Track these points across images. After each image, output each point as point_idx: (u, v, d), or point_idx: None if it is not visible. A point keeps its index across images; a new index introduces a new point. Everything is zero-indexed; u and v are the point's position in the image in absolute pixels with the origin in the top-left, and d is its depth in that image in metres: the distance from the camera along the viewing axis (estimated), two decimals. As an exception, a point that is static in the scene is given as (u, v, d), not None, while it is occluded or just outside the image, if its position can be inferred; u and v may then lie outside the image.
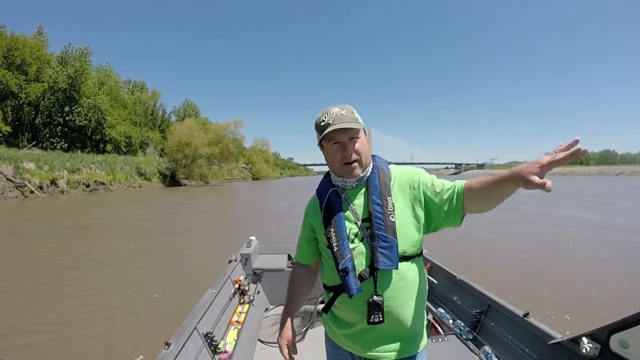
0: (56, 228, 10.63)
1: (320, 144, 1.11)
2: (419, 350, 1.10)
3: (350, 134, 1.04)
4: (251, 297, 2.98)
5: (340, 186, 1.12)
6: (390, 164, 1.18)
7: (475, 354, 2.06)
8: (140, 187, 34.21)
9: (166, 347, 1.62)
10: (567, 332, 1.75)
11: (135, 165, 37.06)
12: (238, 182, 55.36)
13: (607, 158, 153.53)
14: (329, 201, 1.11)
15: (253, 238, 3.51)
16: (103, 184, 30.03)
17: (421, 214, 1.07)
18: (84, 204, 19.43)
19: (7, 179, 23.49)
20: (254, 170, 70.77)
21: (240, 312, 2.73)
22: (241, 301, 2.92)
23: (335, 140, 1.05)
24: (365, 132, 1.09)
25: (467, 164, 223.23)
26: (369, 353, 1.07)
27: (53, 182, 25.94)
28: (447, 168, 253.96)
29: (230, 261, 3.21)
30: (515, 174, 0.82)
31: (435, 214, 1.06)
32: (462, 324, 2.36)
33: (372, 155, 1.15)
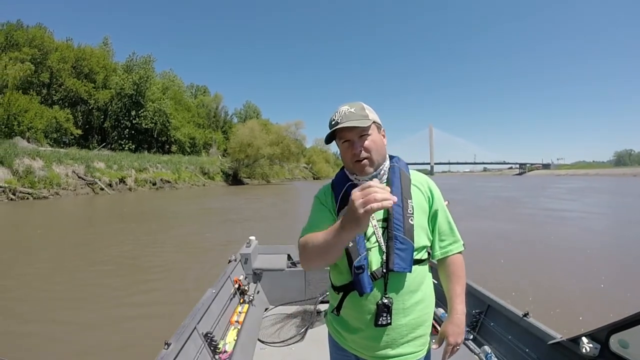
0: (188, 210, 13.48)
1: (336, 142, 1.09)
2: (424, 354, 1.08)
3: (359, 132, 1.01)
4: (251, 297, 2.92)
5: (355, 183, 1.08)
6: (445, 163, 0.80)
7: (475, 353, 2.03)
8: (204, 185, 34.56)
9: (166, 347, 1.58)
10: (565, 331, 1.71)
11: (199, 165, 37.74)
12: (298, 182, 55.11)
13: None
14: (347, 194, 1.02)
15: (253, 238, 3.42)
16: (169, 182, 30.49)
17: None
18: (175, 196, 22.45)
19: (79, 177, 24.48)
20: (314, 169, 70.97)
21: (240, 312, 2.68)
22: (241, 301, 2.86)
23: (345, 139, 1.03)
24: (378, 128, 1.06)
25: (532, 164, 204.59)
26: (375, 357, 1.04)
27: (122, 180, 26.64)
28: (510, 168, 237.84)
29: (230, 261, 3.13)
30: (444, 327, 1.12)
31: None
32: None
33: (392, 156, 1.13)
